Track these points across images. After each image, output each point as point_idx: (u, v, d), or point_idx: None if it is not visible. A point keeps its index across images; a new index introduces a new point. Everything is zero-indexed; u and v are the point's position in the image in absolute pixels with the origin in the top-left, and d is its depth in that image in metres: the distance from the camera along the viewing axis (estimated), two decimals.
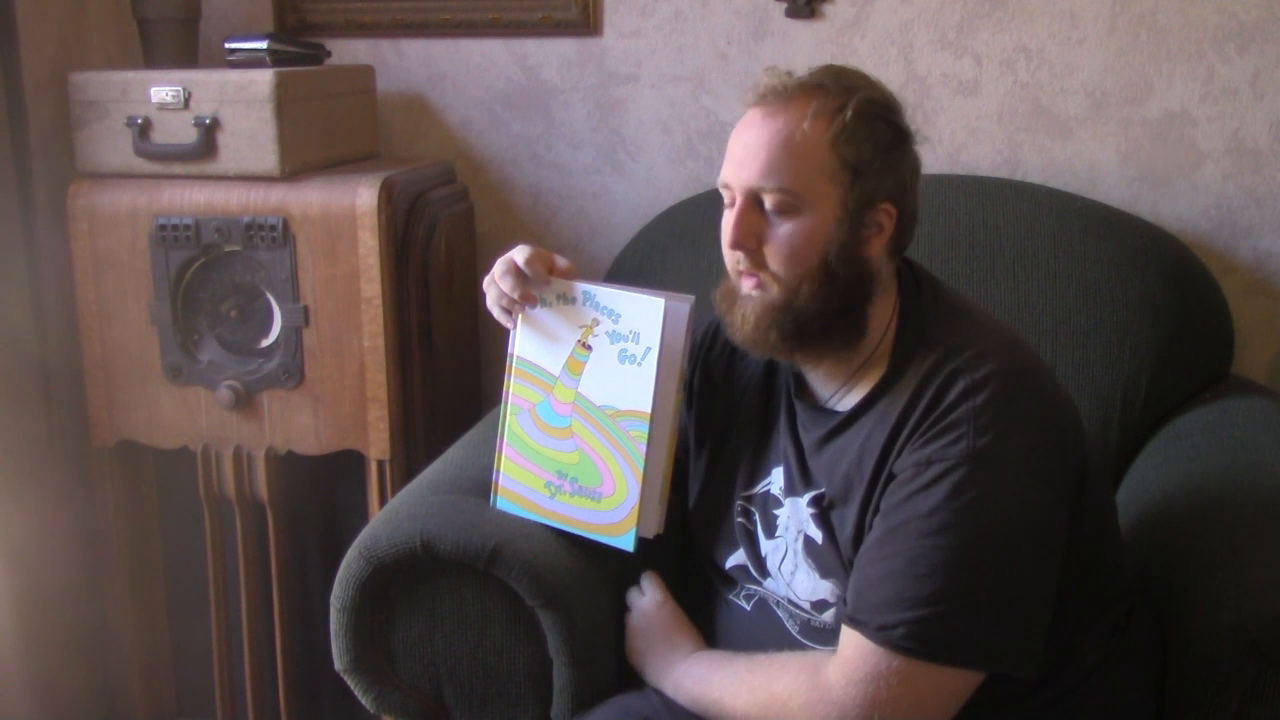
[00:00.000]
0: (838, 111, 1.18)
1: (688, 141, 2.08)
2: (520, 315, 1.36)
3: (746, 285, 1.24)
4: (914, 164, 1.25)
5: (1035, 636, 1.13)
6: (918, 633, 1.09)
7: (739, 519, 1.36)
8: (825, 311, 1.20)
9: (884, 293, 1.25)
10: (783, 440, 1.33)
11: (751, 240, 1.21)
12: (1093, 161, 1.95)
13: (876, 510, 1.18)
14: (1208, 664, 1.20)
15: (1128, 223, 1.82)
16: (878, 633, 1.11)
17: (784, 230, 1.20)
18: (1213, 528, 1.36)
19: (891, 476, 1.17)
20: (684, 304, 1.29)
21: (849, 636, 1.14)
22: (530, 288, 1.34)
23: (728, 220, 1.23)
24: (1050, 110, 1.95)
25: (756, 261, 1.22)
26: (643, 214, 2.08)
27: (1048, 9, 1.92)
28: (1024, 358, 1.22)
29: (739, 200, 1.21)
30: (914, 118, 1.26)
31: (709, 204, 1.95)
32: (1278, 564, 1.25)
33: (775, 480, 1.33)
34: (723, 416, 1.41)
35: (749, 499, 1.36)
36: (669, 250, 1.91)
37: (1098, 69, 1.92)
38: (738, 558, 1.36)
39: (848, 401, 1.26)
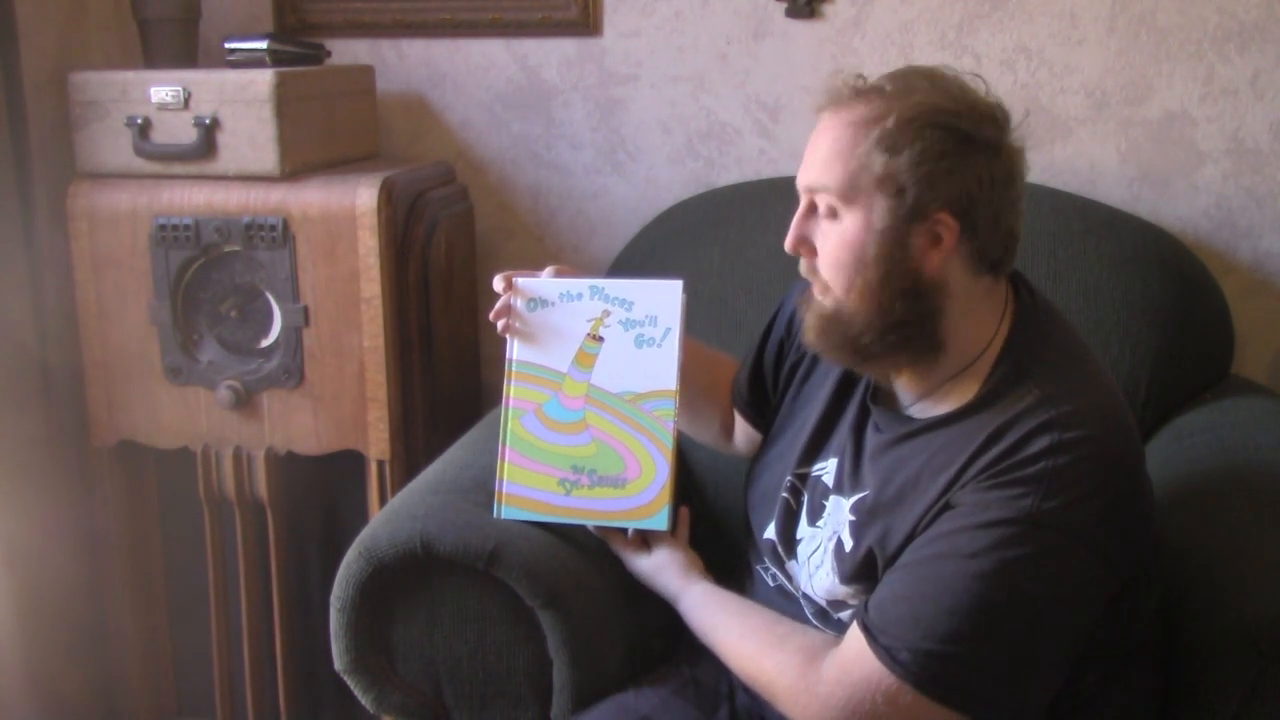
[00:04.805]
0: (884, 116, 1.14)
1: (688, 141, 2.08)
2: (515, 321, 1.39)
3: (814, 290, 1.23)
4: (987, 174, 1.15)
5: (1036, 700, 1.12)
6: (922, 663, 1.08)
7: (784, 494, 1.36)
8: (876, 325, 1.17)
9: (975, 310, 1.19)
10: (843, 435, 1.31)
11: (802, 247, 1.20)
12: (1093, 161, 1.95)
13: (925, 531, 1.15)
14: (1208, 664, 1.20)
15: (1128, 223, 1.82)
16: (884, 649, 1.10)
17: (829, 236, 1.18)
18: (1212, 528, 1.36)
19: (948, 505, 1.13)
20: (685, 290, 1.37)
21: (855, 638, 1.14)
22: (530, 291, 1.38)
23: None
24: (1050, 110, 1.95)
25: (811, 267, 1.21)
26: (643, 214, 2.08)
27: (1048, 9, 1.92)
28: (1120, 428, 1.16)
29: (802, 202, 1.21)
30: (1020, 128, 1.18)
31: (709, 204, 1.96)
32: (1278, 564, 1.25)
33: (830, 469, 1.32)
34: (803, 389, 1.41)
35: (801, 478, 1.35)
36: (669, 250, 1.91)
37: (1098, 69, 1.92)
38: (771, 531, 1.37)
39: (929, 412, 1.22)
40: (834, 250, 1.18)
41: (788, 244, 1.21)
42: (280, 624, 1.98)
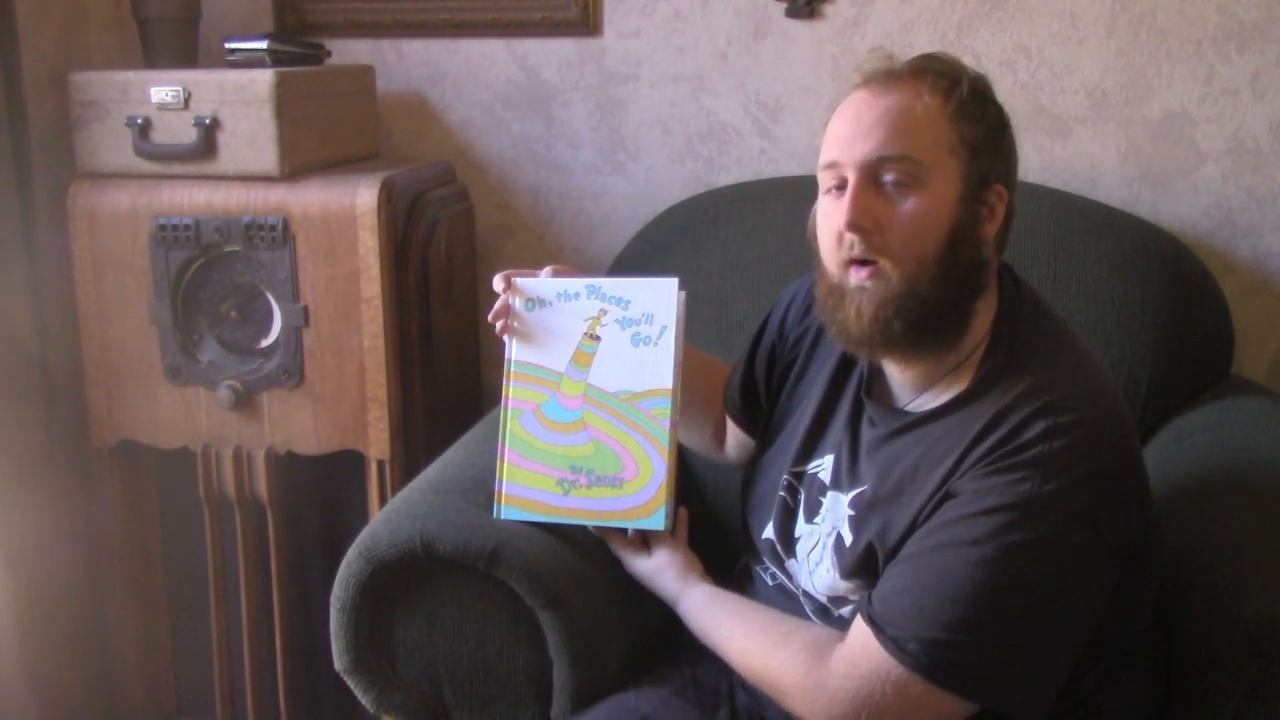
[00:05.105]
0: (953, 88, 1.17)
1: (688, 141, 2.08)
2: (514, 321, 1.38)
3: (857, 276, 1.17)
4: (1016, 152, 1.23)
5: (1046, 687, 1.11)
6: (929, 652, 1.08)
7: (781, 493, 1.36)
8: (947, 298, 1.16)
9: (989, 292, 1.21)
10: (839, 431, 1.31)
11: (869, 220, 1.14)
12: (1093, 161, 1.95)
13: (926, 522, 1.15)
14: (1208, 664, 1.20)
15: (1128, 223, 1.82)
16: (891, 640, 1.10)
17: (906, 206, 1.15)
18: (1212, 528, 1.36)
19: (948, 495, 1.14)
20: (682, 288, 1.36)
21: (861, 632, 1.14)
22: (528, 290, 1.37)
23: (838, 204, 1.17)
24: (1050, 110, 1.95)
25: (873, 246, 1.15)
26: (643, 214, 2.08)
27: (1048, 9, 1.92)
28: (1112, 411, 1.17)
29: (854, 178, 1.15)
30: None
31: (709, 204, 1.96)
32: (1278, 564, 1.25)
33: (826, 466, 1.32)
34: (796, 390, 1.41)
35: (798, 476, 1.35)
36: (669, 250, 1.91)
37: (1098, 69, 1.92)
38: (769, 531, 1.37)
39: (924, 404, 1.23)
40: (913, 220, 1.15)
41: (852, 219, 1.15)
42: (280, 624, 1.98)
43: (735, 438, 1.56)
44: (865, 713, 1.11)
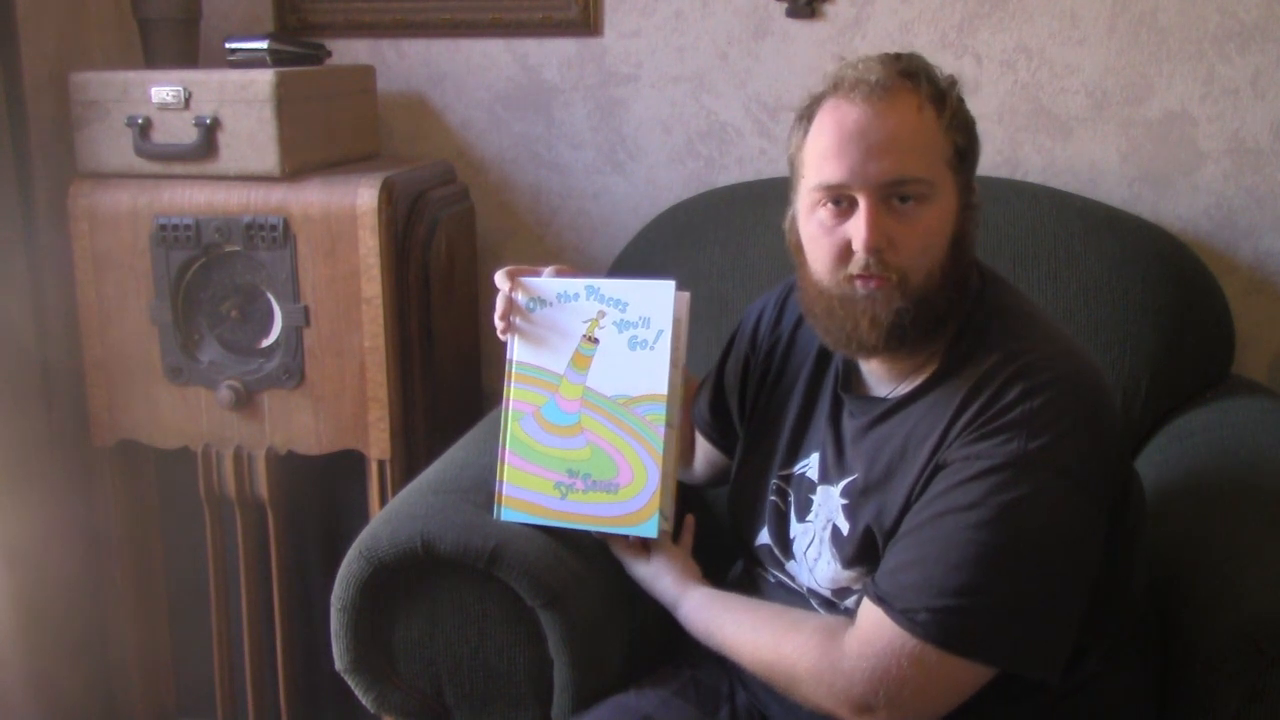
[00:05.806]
0: (942, 96, 1.18)
1: (688, 141, 2.08)
2: (517, 320, 1.37)
3: (866, 286, 1.18)
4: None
5: (1059, 642, 1.12)
6: (941, 621, 1.09)
7: (772, 497, 1.36)
8: (951, 300, 1.20)
9: None
10: (821, 429, 1.33)
11: (885, 241, 1.16)
12: (1093, 161, 1.95)
13: (920, 497, 1.17)
14: (1208, 664, 1.20)
15: (1128, 223, 1.82)
16: (901, 614, 1.11)
17: (919, 222, 1.17)
18: (1212, 528, 1.36)
19: (939, 467, 1.16)
20: (683, 289, 1.35)
21: (870, 611, 1.14)
22: (530, 289, 1.36)
23: (844, 223, 1.18)
24: (1050, 110, 1.95)
25: (886, 263, 1.17)
26: (643, 214, 2.08)
27: (1048, 9, 1.92)
28: (1084, 368, 1.19)
29: (869, 201, 1.16)
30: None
31: (709, 204, 1.96)
32: (1278, 564, 1.25)
33: (812, 464, 1.33)
34: (774, 397, 1.41)
35: (786, 479, 1.36)
36: (669, 250, 1.91)
37: (1098, 69, 1.92)
38: (764, 537, 1.37)
39: (899, 391, 1.25)
40: (925, 235, 1.17)
41: (871, 243, 1.16)
42: (280, 624, 1.98)
43: (704, 454, 1.57)
44: (883, 689, 1.11)
